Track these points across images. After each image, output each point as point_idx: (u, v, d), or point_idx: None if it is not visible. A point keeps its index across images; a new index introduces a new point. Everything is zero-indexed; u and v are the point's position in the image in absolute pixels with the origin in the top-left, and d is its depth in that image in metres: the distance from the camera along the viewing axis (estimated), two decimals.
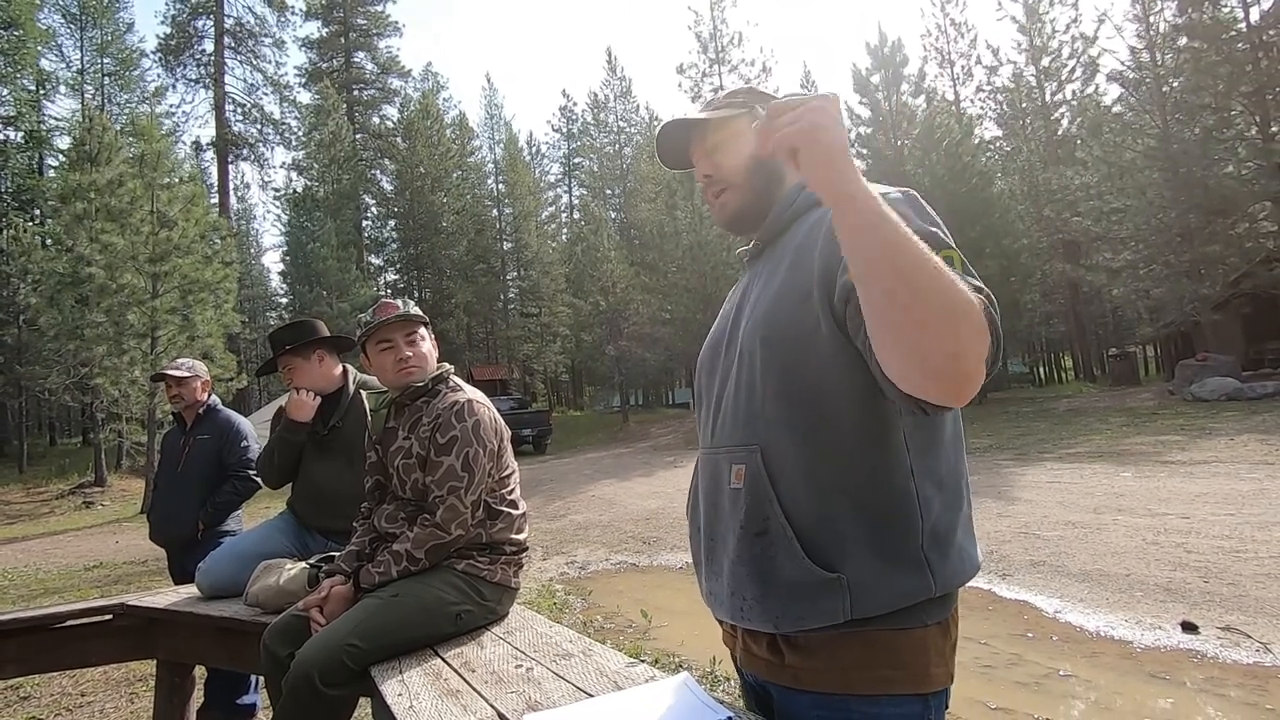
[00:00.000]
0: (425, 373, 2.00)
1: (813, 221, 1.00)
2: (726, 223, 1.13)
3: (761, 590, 0.92)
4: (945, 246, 0.82)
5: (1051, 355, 34.74)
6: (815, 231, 0.97)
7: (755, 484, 0.93)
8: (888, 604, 0.86)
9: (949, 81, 27.25)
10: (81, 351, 14.27)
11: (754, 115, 1.09)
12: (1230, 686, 2.96)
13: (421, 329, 2.05)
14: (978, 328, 0.72)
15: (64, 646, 2.57)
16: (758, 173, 1.08)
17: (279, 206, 34.36)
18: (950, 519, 0.92)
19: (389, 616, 1.68)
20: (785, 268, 0.99)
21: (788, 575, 0.89)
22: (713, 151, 1.10)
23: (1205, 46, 14.68)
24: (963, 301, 0.70)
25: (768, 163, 1.09)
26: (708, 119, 1.08)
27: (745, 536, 0.94)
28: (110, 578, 7.25)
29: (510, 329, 35.20)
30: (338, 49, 37.79)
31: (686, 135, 1.13)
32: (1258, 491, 6.06)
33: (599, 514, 9.06)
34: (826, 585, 0.87)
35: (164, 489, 3.34)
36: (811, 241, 0.96)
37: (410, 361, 1.97)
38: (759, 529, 0.92)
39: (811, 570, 0.88)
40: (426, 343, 2.04)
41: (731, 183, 1.09)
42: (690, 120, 1.10)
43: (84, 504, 15.80)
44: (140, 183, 14.31)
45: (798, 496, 0.91)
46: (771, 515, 0.91)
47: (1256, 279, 14.23)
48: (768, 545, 0.91)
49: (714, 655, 3.36)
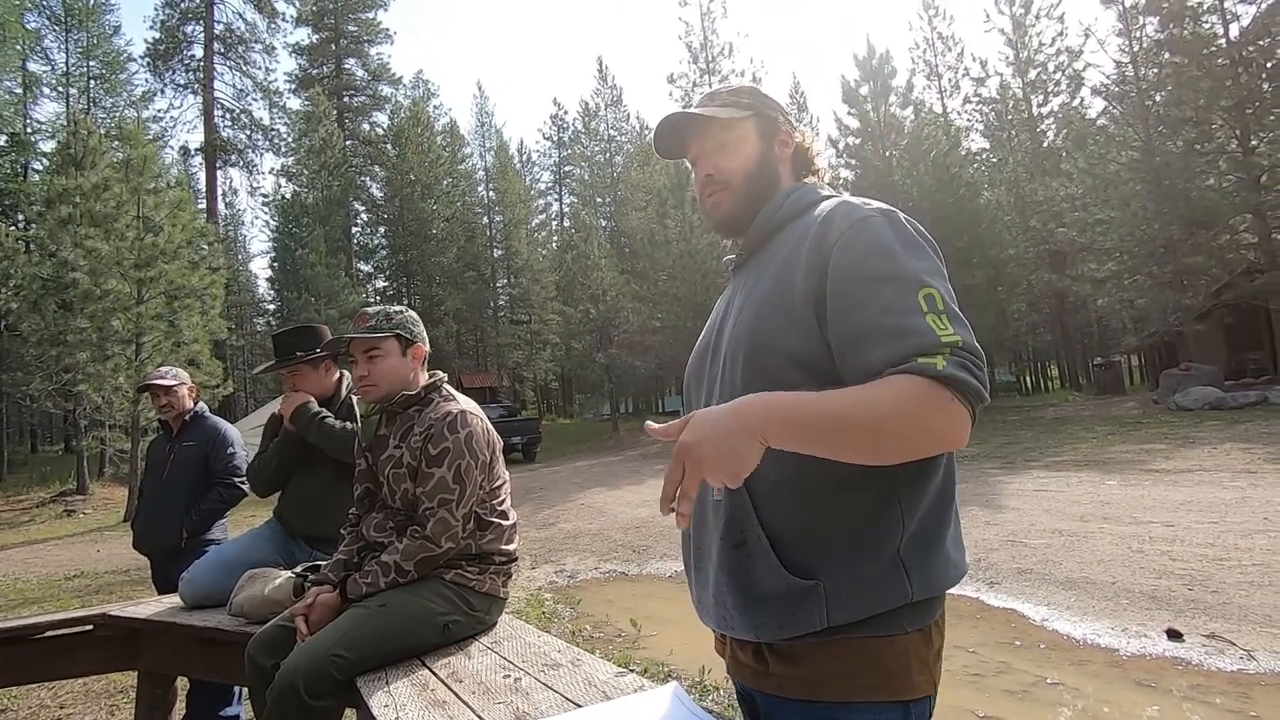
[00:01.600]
0: (382, 390, 1.93)
1: (798, 232, 1.01)
2: (718, 225, 1.12)
3: (742, 600, 0.92)
4: (924, 286, 0.86)
5: (1038, 364, 35.05)
6: (800, 244, 0.97)
7: (734, 496, 0.93)
8: (864, 610, 0.86)
9: (936, 93, 27.56)
10: (64, 358, 14.07)
11: (761, 119, 1.10)
12: (1215, 693, 2.99)
13: (387, 343, 1.93)
14: (931, 427, 0.80)
15: (43, 658, 2.52)
16: (758, 178, 1.08)
17: (267, 212, 34.23)
18: (933, 524, 0.91)
19: (376, 627, 1.66)
20: (769, 279, 1.00)
21: (766, 585, 0.90)
22: (715, 151, 1.08)
23: (1187, 61, 14.93)
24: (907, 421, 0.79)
25: (768, 168, 1.09)
26: (714, 117, 1.07)
27: (725, 547, 0.94)
28: (91, 587, 7.14)
29: (500, 336, 35.12)
30: (328, 55, 37.69)
31: (688, 128, 1.10)
32: (1240, 500, 6.13)
33: (588, 522, 9.02)
34: (803, 594, 0.87)
35: (149, 496, 3.29)
36: (796, 255, 0.97)
37: (366, 380, 1.92)
38: (737, 540, 0.93)
39: (788, 580, 0.88)
40: (392, 357, 1.94)
41: (730, 184, 1.08)
42: (697, 115, 1.08)
43: (65, 512, 15.55)
44: (126, 187, 14.15)
45: (776, 507, 0.91)
46: (749, 527, 0.92)
47: (1238, 290, 14.43)
48: (745, 556, 0.92)
49: (703, 664, 3.35)
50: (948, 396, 0.80)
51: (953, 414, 0.80)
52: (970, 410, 0.81)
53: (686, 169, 23.57)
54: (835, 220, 0.95)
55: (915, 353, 0.81)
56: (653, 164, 32.86)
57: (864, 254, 0.90)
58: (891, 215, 0.94)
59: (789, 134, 1.12)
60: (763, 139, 1.10)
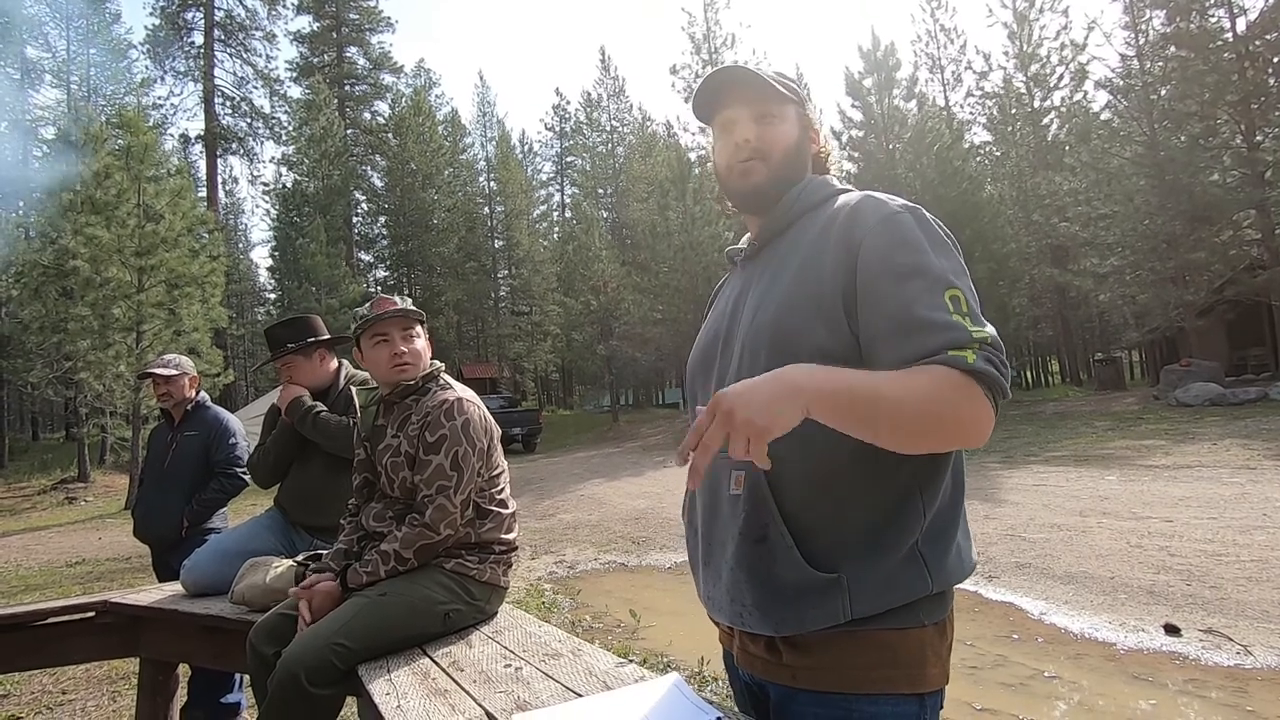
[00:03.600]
0: (419, 370, 1.98)
1: (819, 224, 1.00)
2: (745, 193, 1.08)
3: (761, 596, 0.92)
4: (950, 286, 0.87)
5: (1039, 359, 35.02)
6: (825, 237, 0.97)
7: (755, 491, 0.92)
8: (887, 602, 0.87)
9: (939, 86, 27.44)
10: (65, 345, 14.08)
11: (801, 110, 1.09)
12: (1211, 688, 3.00)
13: (417, 326, 2.03)
14: (963, 417, 0.81)
15: (45, 645, 2.54)
16: (794, 159, 1.07)
17: (268, 201, 34.10)
18: (947, 518, 0.92)
19: (377, 616, 1.67)
20: (793, 270, 0.99)
21: (787, 580, 0.89)
22: (760, 120, 1.05)
23: (1192, 56, 14.83)
24: (940, 408, 0.80)
25: (802, 155, 1.09)
26: (778, 86, 1.05)
27: (744, 543, 0.93)
28: (93, 575, 7.17)
29: (501, 327, 35.08)
30: (329, 44, 37.48)
31: (735, 89, 1.06)
32: (1239, 496, 6.14)
33: (588, 513, 9.05)
34: (826, 587, 0.87)
35: (149, 485, 3.30)
36: (821, 247, 0.96)
37: (405, 357, 1.95)
38: (758, 536, 0.92)
39: (810, 575, 0.88)
40: (422, 340, 2.02)
41: (768, 156, 1.05)
42: (756, 76, 1.05)
43: (66, 500, 15.60)
44: (126, 175, 14.13)
45: (797, 502, 0.91)
46: (771, 523, 0.91)
47: (1240, 286, 14.40)
48: (766, 552, 0.91)
49: (702, 655, 3.37)
50: (978, 390, 0.81)
51: (981, 408, 0.82)
52: (995, 406, 0.83)
53: (688, 160, 23.33)
54: (863, 214, 0.95)
55: (948, 346, 0.82)
56: (655, 155, 32.74)
57: (893, 249, 0.90)
58: (918, 213, 0.95)
59: (817, 134, 1.13)
60: (800, 128, 1.10)
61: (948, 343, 0.82)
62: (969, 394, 0.81)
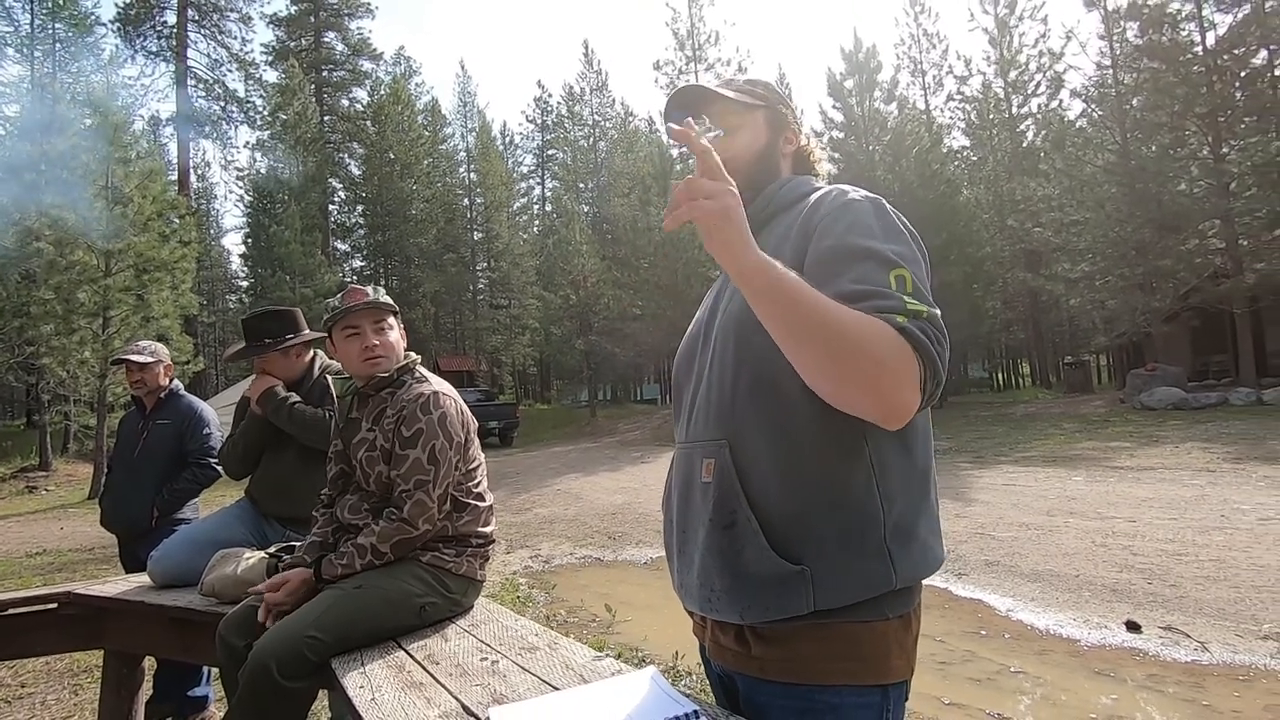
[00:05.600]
0: (391, 363, 1.95)
1: (790, 220, 1.03)
2: None
3: (729, 582, 0.93)
4: (897, 267, 0.86)
5: (1010, 361, 35.71)
6: (790, 229, 1.00)
7: (723, 478, 0.95)
8: (850, 595, 0.88)
9: (920, 90, 27.78)
10: (27, 329, 13.68)
11: (771, 113, 1.12)
12: (1169, 684, 3.09)
13: (390, 317, 2.00)
14: (884, 359, 0.78)
15: (5, 637, 2.46)
16: (760, 165, 1.11)
17: (241, 187, 33.44)
18: (914, 513, 0.94)
19: (352, 608, 1.65)
20: None
21: (754, 568, 0.91)
22: (728, 132, 1.09)
23: (1164, 67, 15.18)
24: (862, 339, 0.78)
25: (771, 159, 1.11)
26: (735, 98, 1.09)
27: (714, 529, 0.95)
28: (54, 565, 6.99)
29: (479, 320, 34.82)
30: (307, 28, 36.77)
31: (703, 104, 1.12)
32: (1199, 497, 6.32)
33: (564, 508, 9.03)
34: (791, 578, 0.89)
35: (118, 474, 3.21)
36: (785, 239, 0.99)
37: (376, 350, 1.93)
38: (726, 522, 0.94)
39: (777, 563, 0.89)
40: (394, 332, 1.99)
41: (736, 167, 1.06)
42: (715, 92, 1.10)
43: (27, 489, 15.17)
44: (94, 156, 13.74)
45: (765, 490, 0.92)
46: (739, 509, 0.93)
47: (1204, 294, 14.79)
48: (735, 538, 0.93)
49: (677, 650, 3.38)
50: (909, 351, 0.79)
51: (907, 366, 0.79)
52: (922, 379, 0.80)
53: (670, 156, 23.30)
54: (824, 203, 0.99)
55: (879, 310, 0.81)
56: (636, 150, 32.71)
57: (844, 231, 0.92)
58: (877, 201, 0.97)
59: (794, 134, 1.16)
60: (771, 131, 1.13)
61: (880, 307, 0.81)
62: (899, 347, 0.79)
